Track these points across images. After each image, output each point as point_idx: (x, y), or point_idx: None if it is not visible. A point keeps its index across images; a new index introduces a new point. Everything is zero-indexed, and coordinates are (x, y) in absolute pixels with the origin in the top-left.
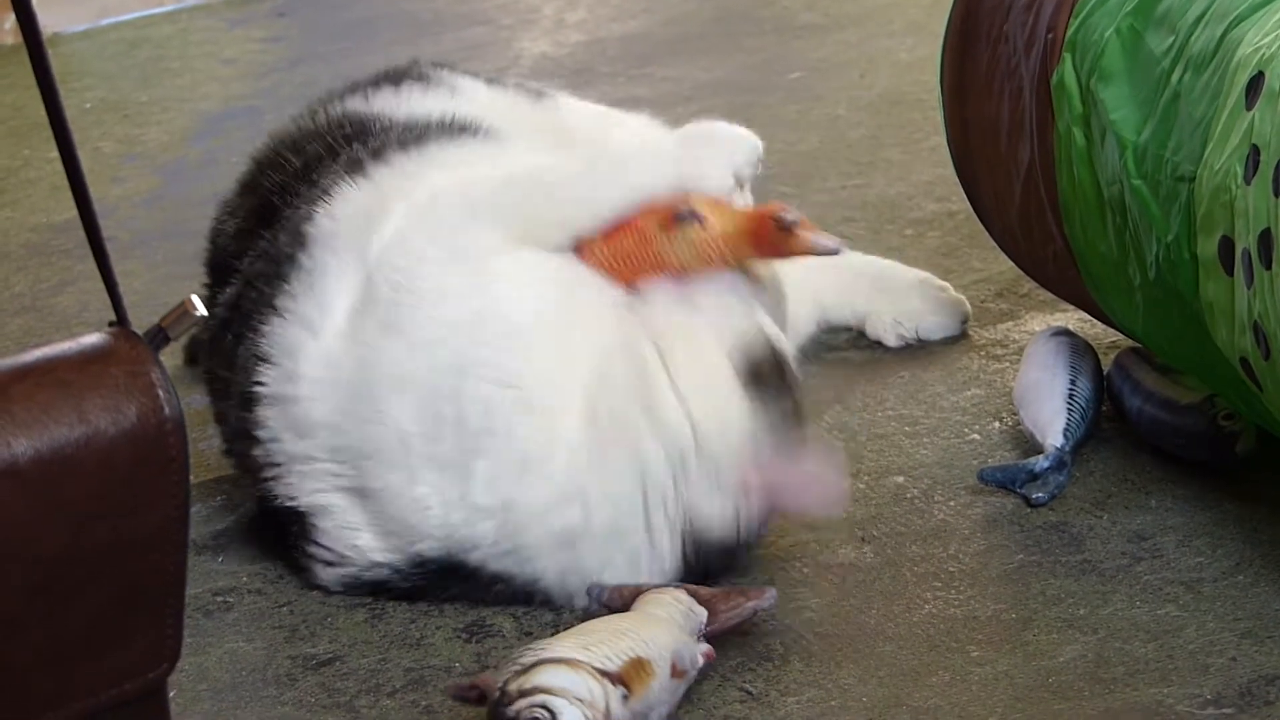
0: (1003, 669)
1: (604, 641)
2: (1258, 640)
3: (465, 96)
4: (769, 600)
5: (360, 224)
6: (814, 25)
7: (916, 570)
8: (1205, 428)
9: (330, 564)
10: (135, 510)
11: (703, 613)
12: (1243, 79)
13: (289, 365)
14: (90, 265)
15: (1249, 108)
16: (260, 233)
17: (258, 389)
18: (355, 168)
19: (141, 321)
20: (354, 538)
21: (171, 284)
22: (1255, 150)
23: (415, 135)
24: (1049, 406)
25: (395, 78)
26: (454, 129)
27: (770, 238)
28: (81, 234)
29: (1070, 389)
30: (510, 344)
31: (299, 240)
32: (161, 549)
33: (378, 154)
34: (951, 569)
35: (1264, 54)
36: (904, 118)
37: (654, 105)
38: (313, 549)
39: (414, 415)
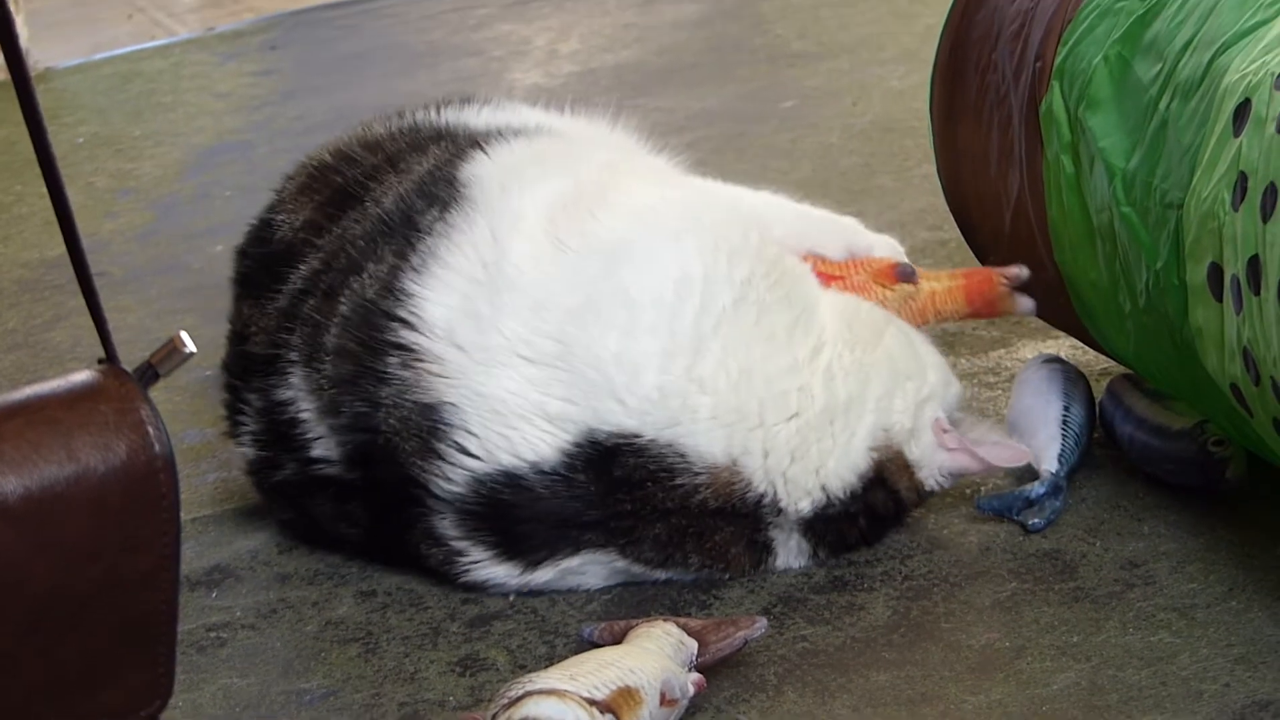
0: (996, 698)
1: (591, 672)
2: (1251, 666)
3: (523, 114)
4: (760, 630)
5: (540, 161)
6: (806, 54)
7: (910, 599)
8: (1196, 453)
9: (460, 466)
10: (127, 548)
11: (693, 644)
12: (1230, 106)
13: (469, 268)
14: (83, 301)
15: (1236, 134)
16: (343, 216)
17: (411, 301)
18: (488, 138)
19: (135, 357)
20: (515, 423)
21: (165, 319)
22: (1243, 177)
23: (521, 130)
24: (1043, 433)
25: (460, 100)
26: (545, 131)
27: (991, 296)
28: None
29: (1064, 415)
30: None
31: (452, 185)
32: (153, 586)
33: (503, 135)
34: (945, 597)
35: (1250, 81)
36: (896, 145)
37: (648, 135)
38: (448, 448)
39: (649, 285)
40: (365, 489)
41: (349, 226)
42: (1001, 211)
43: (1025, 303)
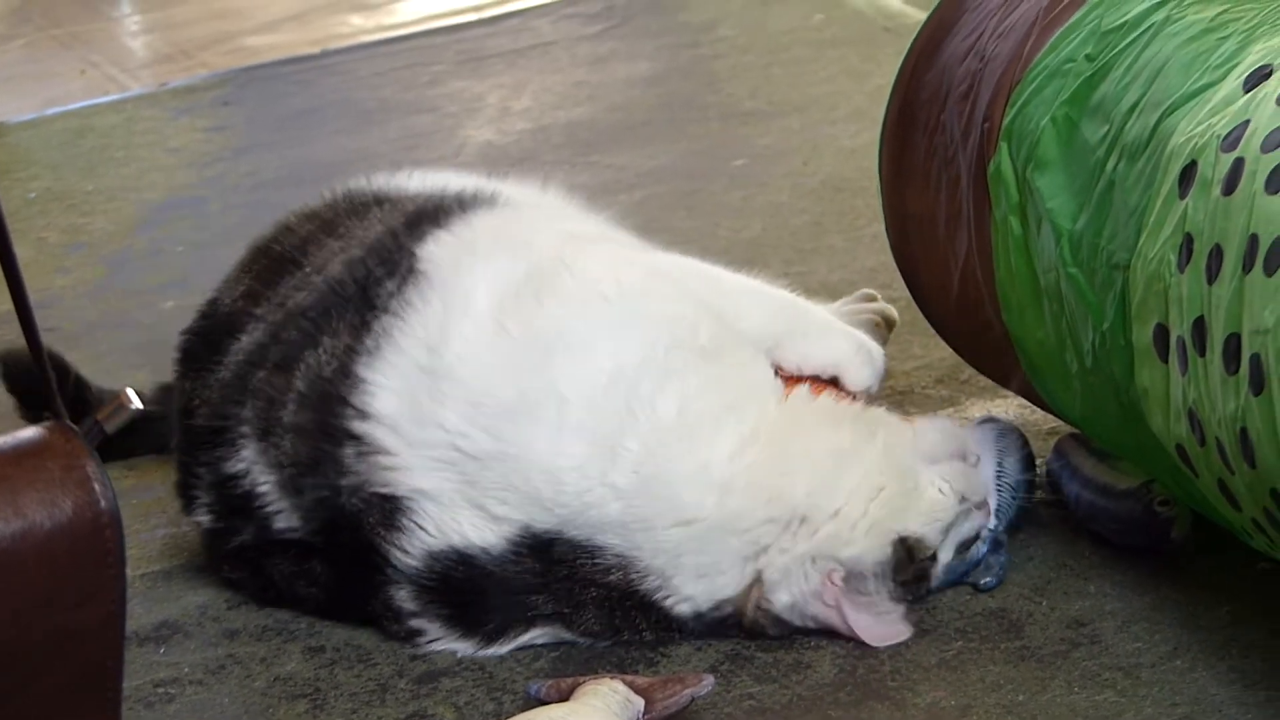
0: None
1: None
2: None
3: (458, 181)
4: (706, 687)
5: (497, 238)
6: (758, 112)
7: (857, 657)
8: (1142, 513)
9: (416, 543)
10: (73, 604)
11: (639, 701)
12: (1176, 168)
13: (416, 353)
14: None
15: (1182, 196)
16: (281, 281)
17: (364, 387)
18: (445, 213)
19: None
20: (460, 514)
21: (116, 374)
22: (1189, 239)
23: (476, 198)
24: None
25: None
26: (486, 198)
27: None
28: None
29: (998, 470)
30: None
31: (409, 260)
32: (101, 640)
33: (462, 205)
34: (891, 655)
35: (1196, 143)
36: (846, 204)
37: (598, 192)
38: (407, 522)
39: (581, 380)
40: (327, 551)
41: (290, 295)
42: (950, 272)
43: None
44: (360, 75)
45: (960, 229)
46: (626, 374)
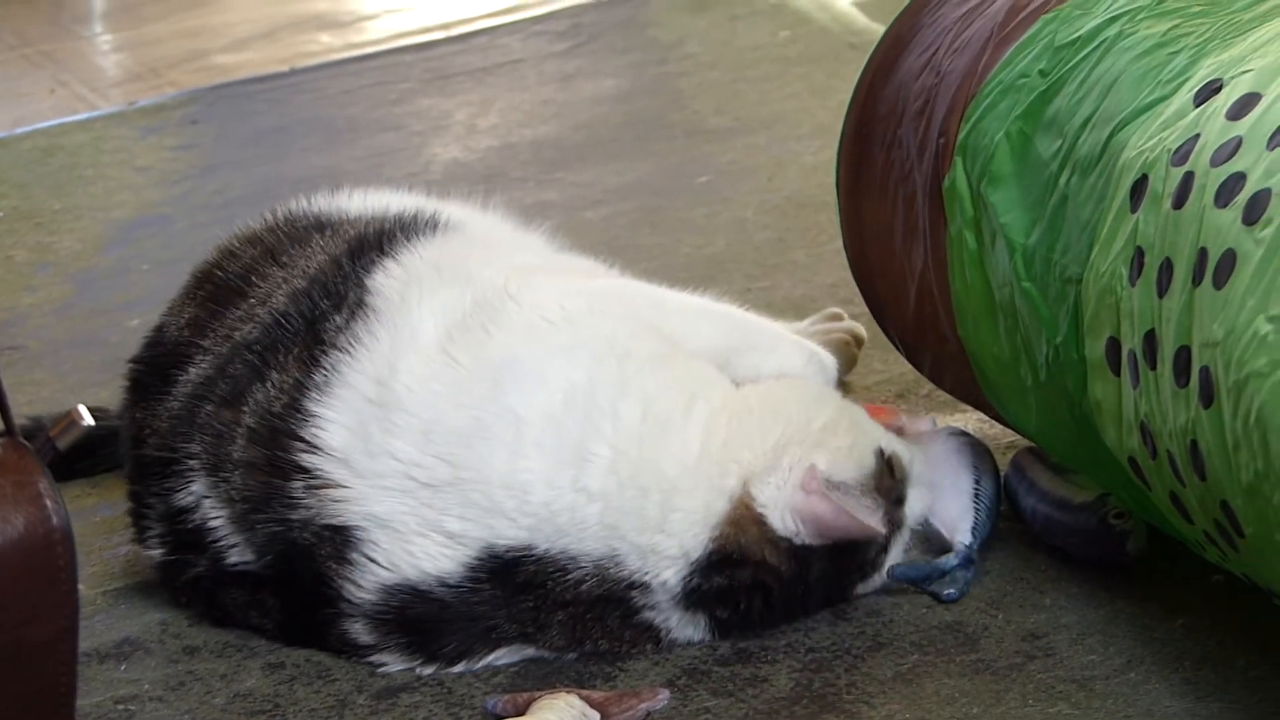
0: None
1: None
2: None
3: (401, 201)
4: (662, 701)
5: (441, 270)
6: (723, 129)
7: (813, 671)
8: (1097, 526)
9: (371, 577)
10: (23, 621)
11: (595, 715)
12: (1127, 182)
13: (365, 387)
14: None
15: (1133, 210)
16: (227, 311)
17: (313, 421)
18: (389, 239)
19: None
20: (415, 540)
21: (80, 392)
22: (1140, 252)
23: (418, 221)
24: (955, 505)
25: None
26: (428, 221)
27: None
28: None
29: (975, 488)
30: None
31: (356, 292)
32: (53, 656)
33: (405, 231)
34: (847, 669)
35: (1147, 157)
36: (810, 220)
37: (564, 209)
38: (359, 557)
39: (536, 403)
40: (280, 585)
41: (237, 326)
42: (907, 286)
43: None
44: (329, 93)
45: (916, 244)
46: (581, 389)
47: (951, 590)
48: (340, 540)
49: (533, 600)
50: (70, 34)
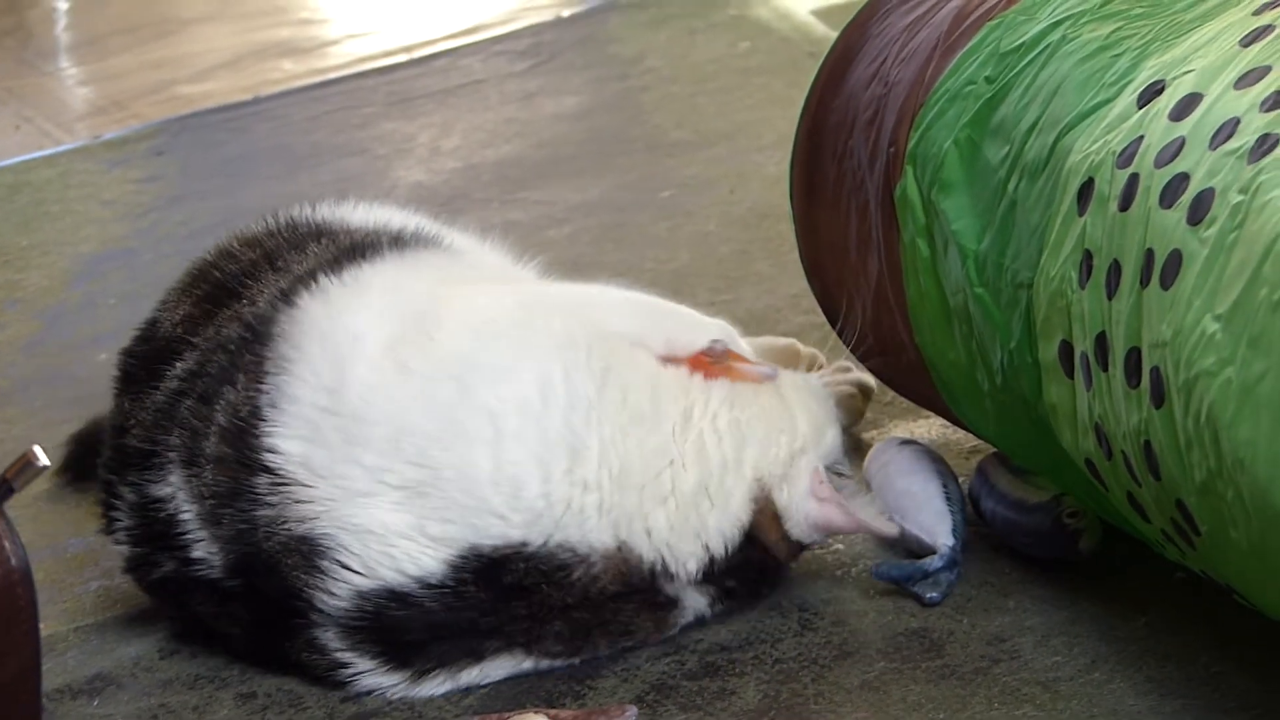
0: None
1: None
2: None
3: (400, 216)
4: (630, 717)
5: (384, 285)
6: (685, 142)
7: (780, 682)
8: (1051, 525)
9: (343, 581)
10: None
11: None
12: (1074, 186)
13: (314, 397)
14: None
15: (1081, 214)
16: (220, 311)
17: (269, 427)
18: (375, 252)
19: None
20: (395, 541)
21: (50, 429)
22: (1088, 255)
23: (409, 237)
24: (929, 510)
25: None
26: (422, 237)
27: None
28: None
29: (944, 491)
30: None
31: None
32: (14, 699)
33: (370, 246)
34: (814, 678)
35: (1093, 160)
36: (772, 231)
37: (528, 229)
38: (330, 564)
39: (510, 395)
40: (246, 595)
41: (223, 326)
42: (863, 295)
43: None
44: (293, 120)
45: (871, 253)
46: (556, 381)
47: (934, 594)
48: (308, 549)
49: (525, 606)
50: (35, 69)
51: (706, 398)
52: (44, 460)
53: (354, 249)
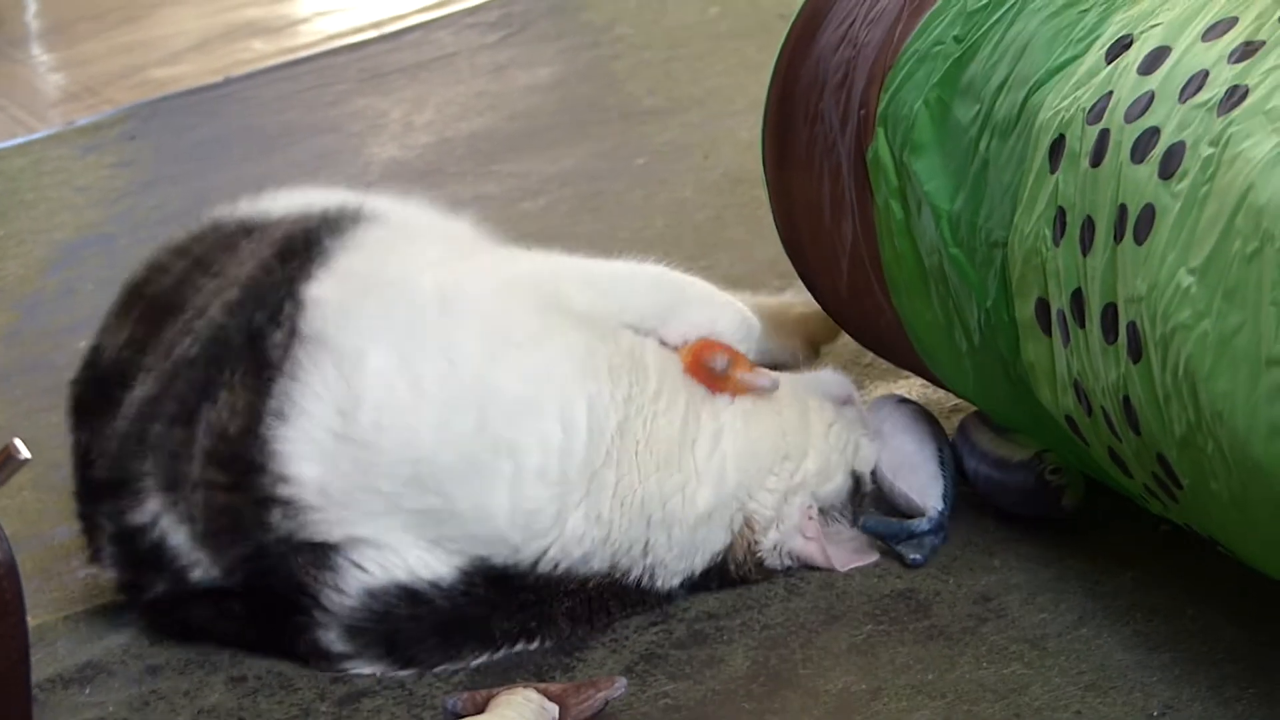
0: None
1: None
2: (1101, 692)
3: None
4: (620, 689)
5: (368, 283)
6: (658, 109)
7: (768, 648)
8: (1034, 483)
9: (355, 581)
10: None
11: (554, 708)
12: (1045, 142)
13: (328, 419)
14: None
15: (1053, 171)
16: (164, 328)
17: (280, 455)
18: (315, 243)
19: None
20: (407, 551)
21: (33, 418)
22: (1061, 212)
23: (342, 219)
24: (923, 472)
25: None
26: (351, 217)
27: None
28: None
29: (939, 455)
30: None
31: (296, 307)
32: (4, 694)
33: (331, 230)
34: (803, 644)
35: (1063, 117)
36: (747, 195)
37: (502, 201)
38: (342, 561)
39: (531, 430)
40: (248, 594)
41: (176, 341)
42: (838, 259)
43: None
44: (264, 100)
45: (845, 216)
46: (580, 415)
47: (917, 555)
48: (321, 551)
49: (535, 594)
50: (6, 57)
51: (725, 423)
52: (25, 453)
53: (309, 240)
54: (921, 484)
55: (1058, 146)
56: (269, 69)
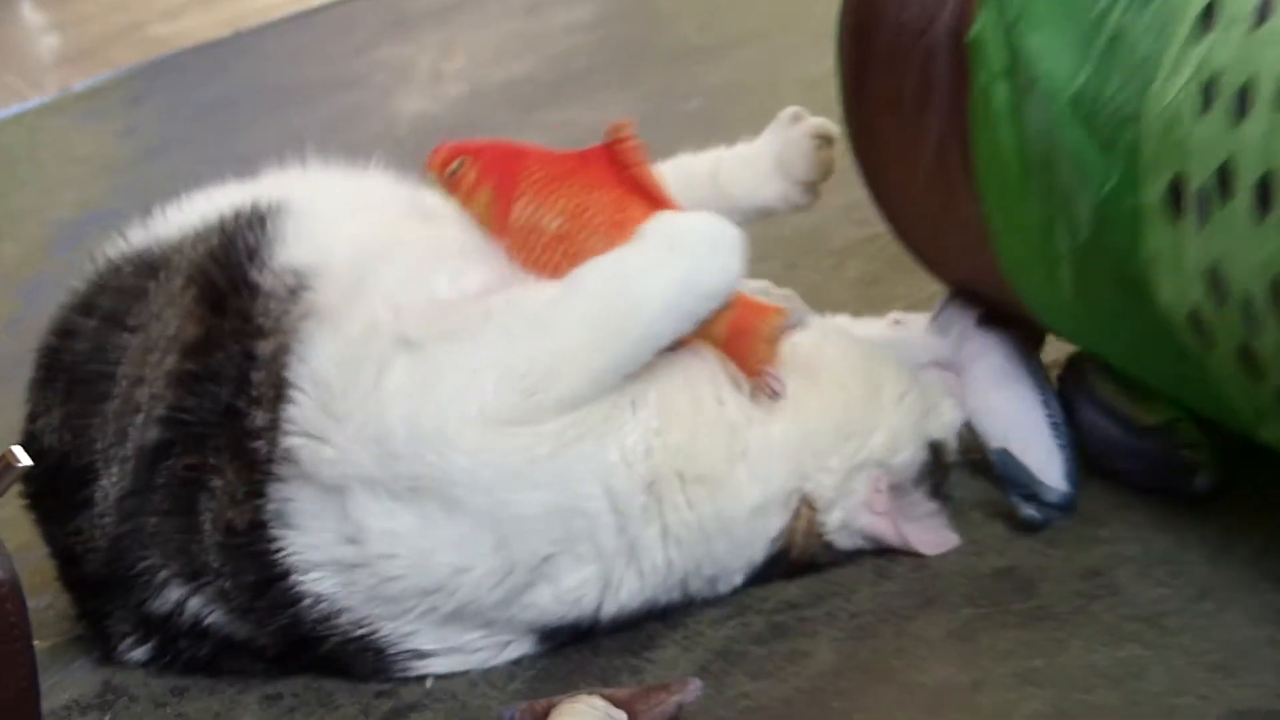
0: None
1: None
2: (1229, 673)
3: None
4: (694, 692)
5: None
6: (708, 48)
7: (857, 639)
8: (1165, 454)
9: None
10: None
11: (621, 715)
12: (1196, 8)
13: (335, 545)
14: None
15: (1203, 36)
16: (100, 404)
17: (298, 572)
18: (242, 280)
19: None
20: (461, 655)
21: None
22: (1212, 80)
23: (246, 240)
24: (1038, 444)
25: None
26: (259, 220)
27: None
28: None
29: (1050, 418)
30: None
31: (277, 387)
32: (15, 716)
33: (250, 252)
34: (895, 632)
35: None
36: None
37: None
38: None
39: (558, 537)
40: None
41: (125, 418)
42: (917, 158)
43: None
44: (277, 55)
45: (928, 110)
46: (603, 510)
47: (1034, 513)
48: (375, 651)
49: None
50: None
51: (774, 421)
52: (25, 460)
53: (231, 277)
54: (1039, 460)
55: (1210, 11)
56: (282, 20)
